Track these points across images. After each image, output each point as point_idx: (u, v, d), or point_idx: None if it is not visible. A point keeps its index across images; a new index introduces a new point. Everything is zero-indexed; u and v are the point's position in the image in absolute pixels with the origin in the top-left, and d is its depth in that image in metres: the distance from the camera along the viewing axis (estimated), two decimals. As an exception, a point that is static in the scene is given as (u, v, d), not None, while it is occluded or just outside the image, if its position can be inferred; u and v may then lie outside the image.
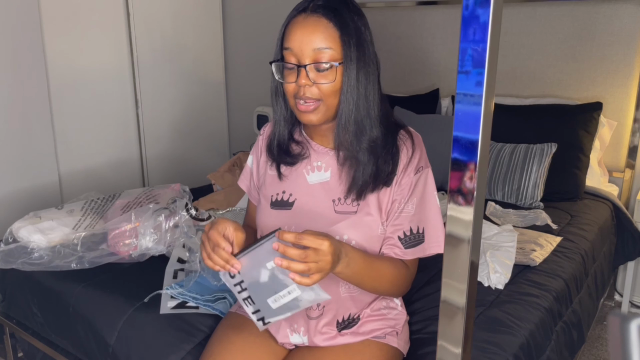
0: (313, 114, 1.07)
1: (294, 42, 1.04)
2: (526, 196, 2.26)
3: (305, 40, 1.03)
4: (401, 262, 1.14)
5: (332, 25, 1.03)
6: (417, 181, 1.12)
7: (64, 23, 2.79)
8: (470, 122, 0.66)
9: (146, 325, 1.42)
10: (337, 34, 1.03)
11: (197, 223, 1.80)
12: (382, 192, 1.12)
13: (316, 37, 1.03)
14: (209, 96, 3.67)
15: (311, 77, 1.04)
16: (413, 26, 2.98)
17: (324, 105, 1.07)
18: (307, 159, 1.18)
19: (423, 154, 1.15)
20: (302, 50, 1.04)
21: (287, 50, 1.06)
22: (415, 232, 1.12)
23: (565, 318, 1.61)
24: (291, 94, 1.08)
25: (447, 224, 0.72)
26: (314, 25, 1.03)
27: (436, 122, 2.52)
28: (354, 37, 1.04)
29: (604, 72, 2.47)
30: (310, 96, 1.05)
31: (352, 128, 1.07)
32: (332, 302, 1.16)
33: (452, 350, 0.76)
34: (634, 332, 0.51)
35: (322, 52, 1.03)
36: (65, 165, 2.90)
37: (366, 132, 1.09)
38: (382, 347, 1.19)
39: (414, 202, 1.12)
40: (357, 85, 1.05)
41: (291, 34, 1.05)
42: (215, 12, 3.60)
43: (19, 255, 1.71)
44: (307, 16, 1.04)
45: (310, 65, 1.04)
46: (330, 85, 1.05)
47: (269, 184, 1.22)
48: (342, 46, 1.03)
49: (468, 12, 0.63)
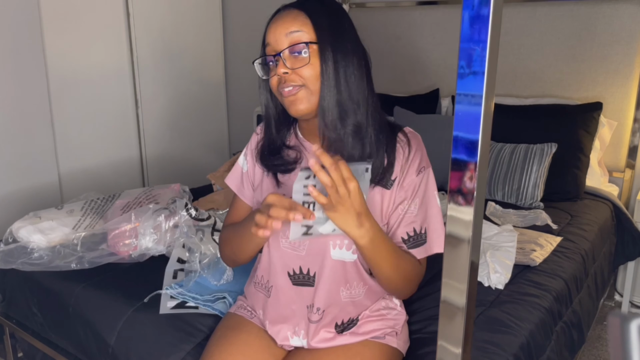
0: (299, 101, 1.07)
1: (271, 35, 1.09)
2: (526, 196, 2.26)
3: (279, 30, 1.07)
4: (415, 260, 1.13)
5: (303, 13, 1.07)
6: (420, 182, 1.12)
7: (64, 23, 2.79)
8: (470, 122, 0.66)
9: (146, 325, 1.42)
10: (308, 20, 1.07)
11: (197, 223, 1.80)
12: (384, 195, 1.12)
13: (287, 23, 1.07)
14: (209, 96, 3.67)
15: (289, 65, 1.06)
16: (413, 26, 2.98)
17: (306, 90, 1.07)
18: (303, 161, 1.18)
19: (424, 154, 1.15)
20: (277, 40, 1.07)
21: (267, 46, 1.10)
22: (419, 233, 1.12)
23: (565, 318, 1.61)
24: (275, 87, 1.10)
25: (447, 224, 0.72)
26: (286, 14, 1.09)
27: (436, 122, 2.52)
28: (326, 21, 1.07)
29: (604, 72, 2.47)
30: (292, 83, 1.07)
31: (335, 110, 1.07)
32: (332, 306, 1.16)
33: (452, 350, 0.76)
34: (634, 332, 0.50)
35: (294, 35, 1.06)
36: (65, 165, 2.90)
37: (349, 115, 1.08)
38: (382, 348, 1.18)
39: (417, 202, 1.12)
40: (335, 67, 1.06)
41: (268, 30, 1.10)
42: (215, 12, 3.60)
43: (19, 255, 1.71)
44: (280, 12, 1.10)
45: (285, 51, 1.06)
46: (309, 68, 1.06)
47: (266, 189, 1.21)
48: (314, 29, 1.06)
49: (468, 12, 0.63)
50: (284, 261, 1.17)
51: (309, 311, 1.17)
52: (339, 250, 1.12)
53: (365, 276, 1.16)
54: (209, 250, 1.65)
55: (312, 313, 1.17)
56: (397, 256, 1.07)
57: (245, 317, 1.27)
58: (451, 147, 0.68)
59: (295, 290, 1.17)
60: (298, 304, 1.18)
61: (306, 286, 1.16)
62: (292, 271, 1.16)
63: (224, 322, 1.28)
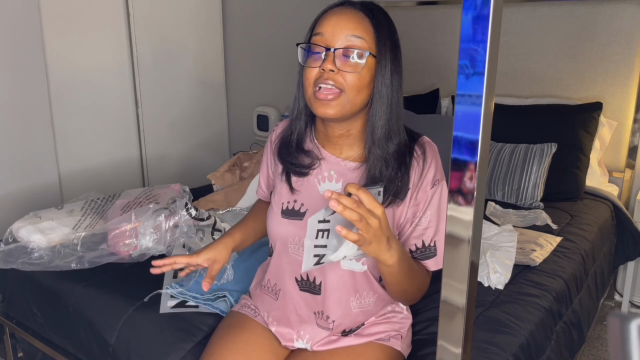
0: (331, 105, 1.01)
1: (327, 27, 1.01)
2: (526, 196, 2.26)
3: (340, 25, 1.00)
4: (425, 269, 1.12)
5: (368, 19, 1.01)
6: (433, 195, 1.09)
7: (64, 23, 2.79)
8: (470, 122, 0.66)
9: (146, 324, 1.42)
10: (372, 29, 1.01)
11: (197, 223, 1.80)
12: (398, 207, 1.09)
13: (351, 24, 1.00)
14: (209, 96, 3.67)
15: (337, 64, 0.99)
16: (413, 26, 2.98)
17: (345, 97, 1.01)
18: (318, 169, 1.14)
19: (439, 167, 1.11)
20: (334, 35, 1.00)
21: (317, 35, 1.01)
22: (427, 246, 1.10)
23: (565, 318, 1.61)
24: (311, 81, 1.02)
25: (447, 224, 0.72)
26: (350, 14, 1.01)
27: (436, 122, 2.51)
28: (388, 37, 1.02)
29: (604, 72, 2.47)
30: (333, 83, 1.00)
31: (385, 129, 1.03)
32: (343, 318, 1.16)
33: (452, 351, 0.76)
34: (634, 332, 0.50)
35: (355, 40, 1.00)
36: (65, 165, 2.90)
37: (395, 136, 1.05)
38: (385, 350, 1.18)
39: (428, 215, 1.09)
40: (391, 85, 1.02)
41: (325, 20, 1.02)
42: (215, 12, 3.60)
43: (19, 255, 1.71)
44: (344, 7, 1.03)
45: (339, 50, 0.99)
46: (356, 77, 1.00)
47: (279, 191, 1.19)
48: (375, 41, 1.01)
49: (468, 12, 0.63)
50: (292, 267, 1.17)
51: (317, 317, 1.17)
52: (348, 261, 1.10)
53: (376, 285, 1.16)
54: (209, 250, 1.65)
55: (321, 319, 1.17)
56: (415, 269, 1.06)
57: (249, 315, 1.27)
58: (451, 147, 0.68)
59: (302, 296, 1.17)
60: (305, 310, 1.18)
61: (313, 294, 1.16)
62: (299, 277, 1.16)
63: (227, 320, 1.28)
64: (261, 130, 3.50)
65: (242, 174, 2.42)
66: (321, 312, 1.16)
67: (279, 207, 1.17)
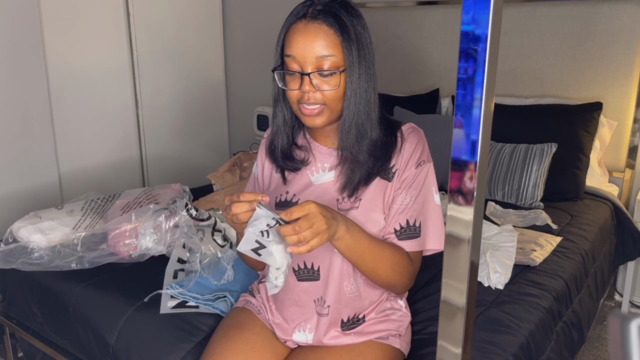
0: (318, 117, 1.08)
1: (296, 49, 1.04)
2: (526, 196, 2.26)
3: (308, 48, 1.03)
4: (403, 251, 1.13)
5: (333, 32, 1.03)
6: (418, 175, 1.13)
7: (64, 23, 2.79)
8: (470, 122, 0.66)
9: (146, 325, 1.42)
10: (339, 40, 1.04)
11: (197, 223, 1.80)
12: (386, 187, 1.13)
13: (318, 45, 1.03)
14: (209, 96, 3.67)
15: (315, 84, 1.05)
16: (413, 26, 2.98)
17: (328, 109, 1.08)
18: (311, 162, 1.19)
19: (425, 149, 1.16)
20: (304, 58, 1.04)
21: (288, 57, 1.06)
22: (412, 225, 1.12)
23: (565, 318, 1.61)
24: (294, 100, 1.09)
25: (447, 224, 0.72)
26: (316, 32, 1.03)
27: (436, 122, 2.51)
28: (354, 42, 1.04)
29: (604, 72, 2.46)
30: (315, 102, 1.06)
31: (354, 132, 1.09)
32: (337, 302, 1.16)
33: (452, 351, 0.76)
34: (634, 332, 0.50)
35: (324, 60, 1.03)
36: (65, 165, 2.90)
37: (367, 136, 1.10)
38: (385, 349, 1.19)
39: (412, 194, 1.12)
40: (358, 90, 1.06)
41: (292, 41, 1.05)
42: (215, 12, 3.60)
43: (19, 255, 1.71)
44: (307, 23, 1.04)
45: (314, 72, 1.05)
46: (334, 91, 1.06)
47: (274, 187, 1.23)
48: (344, 52, 1.04)
49: (468, 12, 0.63)
50: None
51: (317, 304, 1.18)
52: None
53: None
54: (210, 251, 1.65)
55: (321, 307, 1.17)
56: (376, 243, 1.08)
57: (253, 311, 1.28)
58: (451, 147, 0.68)
59: (301, 286, 1.18)
60: (304, 300, 1.19)
61: (311, 281, 1.17)
62: (296, 266, 1.17)
63: (227, 321, 1.29)
64: (261, 130, 3.50)
65: (242, 174, 2.42)
66: (321, 299, 1.17)
67: (272, 202, 1.20)
